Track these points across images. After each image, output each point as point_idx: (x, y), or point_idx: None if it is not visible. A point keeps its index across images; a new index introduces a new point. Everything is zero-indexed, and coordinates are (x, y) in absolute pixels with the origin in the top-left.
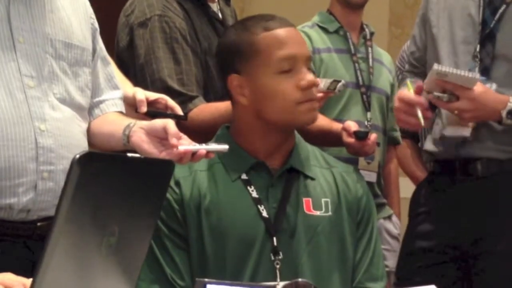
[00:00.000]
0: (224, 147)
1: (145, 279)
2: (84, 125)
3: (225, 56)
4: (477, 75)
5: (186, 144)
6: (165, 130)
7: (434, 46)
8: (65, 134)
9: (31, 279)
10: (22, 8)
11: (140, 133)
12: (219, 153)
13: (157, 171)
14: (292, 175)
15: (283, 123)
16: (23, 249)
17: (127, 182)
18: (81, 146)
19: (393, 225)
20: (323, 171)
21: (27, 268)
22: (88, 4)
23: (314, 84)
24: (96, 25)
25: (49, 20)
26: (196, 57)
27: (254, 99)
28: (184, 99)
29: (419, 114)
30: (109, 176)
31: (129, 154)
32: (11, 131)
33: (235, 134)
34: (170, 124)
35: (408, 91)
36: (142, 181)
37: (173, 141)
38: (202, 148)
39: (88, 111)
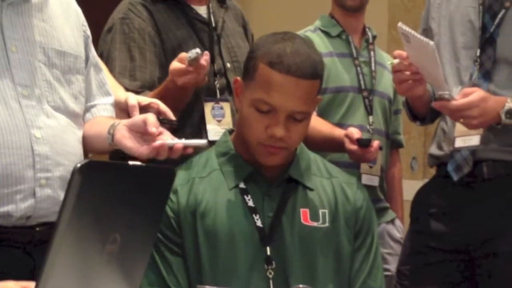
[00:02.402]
0: (203, 141)
1: (145, 281)
2: (79, 132)
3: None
4: (431, 41)
5: (166, 139)
6: (144, 122)
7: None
8: (60, 142)
9: (32, 283)
10: (14, 18)
11: (122, 130)
12: (197, 148)
13: (158, 179)
14: (291, 185)
15: (250, 148)
16: (22, 254)
17: (128, 190)
18: (77, 153)
19: (396, 229)
20: (323, 181)
21: (27, 273)
22: (80, 12)
23: (280, 140)
24: (88, 32)
25: (42, 29)
26: (155, 57)
27: (240, 110)
28: None
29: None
30: (110, 185)
31: (130, 162)
32: (7, 139)
33: (235, 140)
34: (149, 116)
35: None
36: (143, 189)
37: (152, 129)
38: (180, 142)
39: None
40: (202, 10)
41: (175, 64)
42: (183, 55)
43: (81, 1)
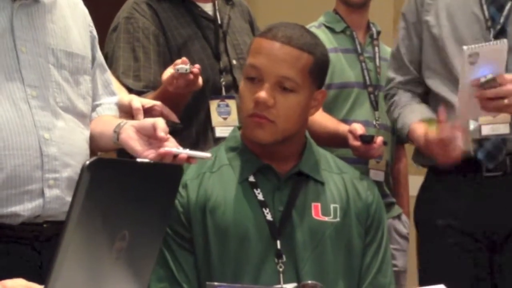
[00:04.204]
0: (207, 155)
1: (154, 277)
2: (87, 133)
3: None
4: (502, 40)
5: (171, 147)
6: (154, 126)
7: (437, 46)
8: (68, 142)
9: (42, 287)
10: (24, 19)
11: (129, 130)
12: (202, 159)
13: (166, 176)
14: (301, 180)
15: (244, 127)
16: (30, 251)
17: (137, 187)
18: (84, 153)
19: (402, 225)
20: (333, 177)
21: (35, 269)
22: (86, 12)
23: (264, 103)
24: (95, 33)
25: (51, 30)
26: (160, 56)
27: None
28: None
29: (461, 142)
30: (118, 182)
31: (138, 160)
32: (16, 141)
33: (244, 135)
34: (159, 121)
35: (432, 131)
36: (151, 186)
37: (161, 134)
38: (184, 152)
39: None
40: (207, 8)
41: (168, 71)
42: (178, 61)
43: (87, 1)
